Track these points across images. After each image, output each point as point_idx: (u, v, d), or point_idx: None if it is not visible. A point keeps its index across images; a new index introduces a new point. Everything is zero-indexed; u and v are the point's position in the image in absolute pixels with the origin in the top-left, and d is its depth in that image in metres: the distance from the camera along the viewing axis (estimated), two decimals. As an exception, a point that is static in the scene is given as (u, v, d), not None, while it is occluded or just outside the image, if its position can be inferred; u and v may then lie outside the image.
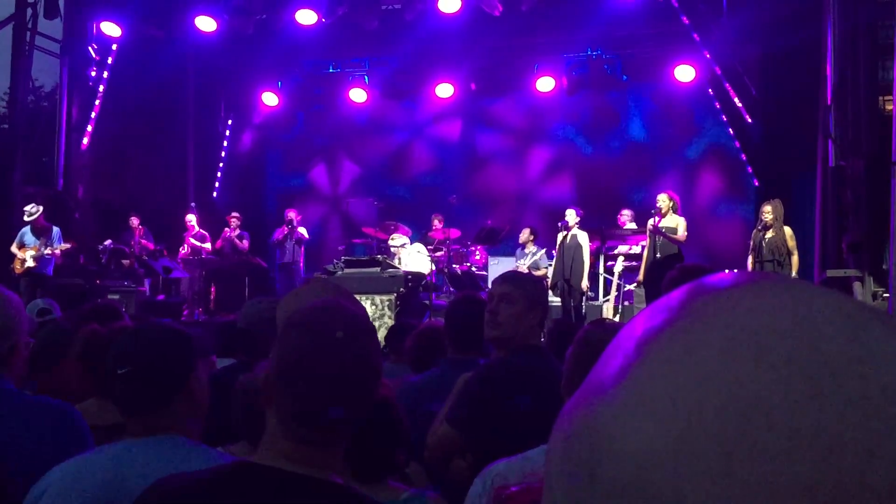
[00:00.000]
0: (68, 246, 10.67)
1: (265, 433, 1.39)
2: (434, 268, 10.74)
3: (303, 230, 12.67)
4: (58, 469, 1.80)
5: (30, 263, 10.36)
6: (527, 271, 10.94)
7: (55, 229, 10.68)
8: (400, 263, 10.78)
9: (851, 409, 0.35)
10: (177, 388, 1.85)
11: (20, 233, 10.61)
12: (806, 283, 0.43)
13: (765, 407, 0.36)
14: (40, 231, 10.53)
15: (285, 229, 12.63)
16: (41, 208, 10.56)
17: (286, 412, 1.35)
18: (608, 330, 1.95)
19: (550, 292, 11.03)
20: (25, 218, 10.51)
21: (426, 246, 11.45)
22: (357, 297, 9.40)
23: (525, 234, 11.37)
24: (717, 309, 0.41)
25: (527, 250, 11.29)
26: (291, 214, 12.69)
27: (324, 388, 1.34)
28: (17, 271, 10.41)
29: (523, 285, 2.81)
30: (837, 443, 0.35)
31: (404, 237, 11.57)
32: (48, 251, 10.41)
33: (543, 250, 11.22)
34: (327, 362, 1.34)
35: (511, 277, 2.96)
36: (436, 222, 12.13)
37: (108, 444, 1.89)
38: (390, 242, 11.38)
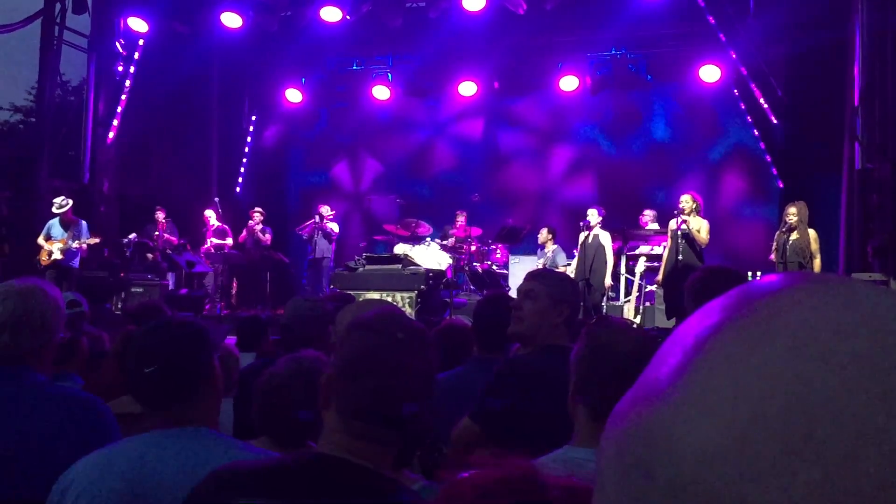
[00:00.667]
0: (97, 240, 10.76)
1: (323, 431, 1.46)
2: (450, 263, 10.75)
3: (333, 225, 12.68)
4: (85, 459, 1.82)
5: (57, 256, 10.46)
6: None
7: (83, 223, 10.79)
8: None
9: None
10: (197, 381, 1.88)
11: (47, 225, 10.71)
12: (862, 282, 0.42)
13: (832, 407, 0.36)
14: (68, 224, 10.64)
15: (311, 225, 12.66)
16: (70, 201, 10.67)
17: (346, 408, 1.42)
18: (614, 331, 1.94)
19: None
20: (55, 210, 10.60)
21: (444, 241, 11.48)
22: (378, 293, 9.48)
23: (543, 234, 11.35)
24: (778, 308, 0.40)
25: (546, 249, 11.28)
26: (324, 209, 12.71)
27: (385, 384, 1.41)
28: (43, 263, 10.52)
29: (548, 281, 2.77)
30: None
31: (407, 245, 11.52)
32: (76, 244, 10.51)
33: (559, 248, 11.21)
34: (389, 360, 1.42)
35: (538, 274, 2.94)
36: (460, 219, 12.13)
37: (136, 434, 1.91)
38: (395, 249, 11.30)
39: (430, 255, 10.80)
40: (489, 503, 0.66)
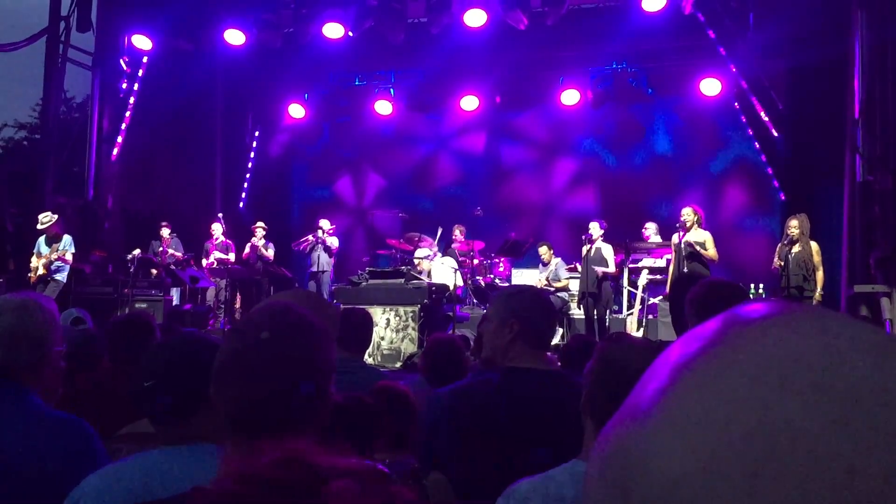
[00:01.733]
0: (70, 253, 10.67)
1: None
2: (461, 282, 10.76)
3: (333, 240, 12.73)
4: (95, 476, 1.82)
5: (41, 271, 10.48)
6: (547, 283, 10.97)
7: (66, 237, 10.76)
8: (430, 276, 10.81)
9: (873, 436, 0.37)
10: (201, 397, 1.82)
11: (36, 242, 10.74)
12: (837, 314, 0.45)
13: (789, 431, 0.38)
14: (52, 239, 10.65)
15: (309, 239, 12.71)
16: (55, 217, 10.66)
17: (224, 416, 1.33)
18: (628, 347, 1.95)
19: (574, 305, 11.05)
20: (39, 226, 10.61)
21: (451, 257, 11.50)
22: (381, 308, 9.49)
23: (545, 252, 11.37)
24: (748, 338, 0.43)
25: (549, 264, 11.30)
26: (323, 223, 12.77)
27: (245, 389, 1.31)
28: (31, 279, 10.53)
29: (496, 300, 2.73)
30: (858, 467, 0.36)
31: (427, 249, 11.61)
32: (55, 256, 10.51)
33: (561, 260, 11.23)
34: (246, 363, 1.31)
35: (493, 296, 2.95)
36: (457, 233, 12.17)
37: (142, 452, 1.92)
38: (417, 254, 11.41)
39: (445, 272, 10.79)
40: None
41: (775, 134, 12.15)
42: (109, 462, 2.08)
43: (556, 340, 10.36)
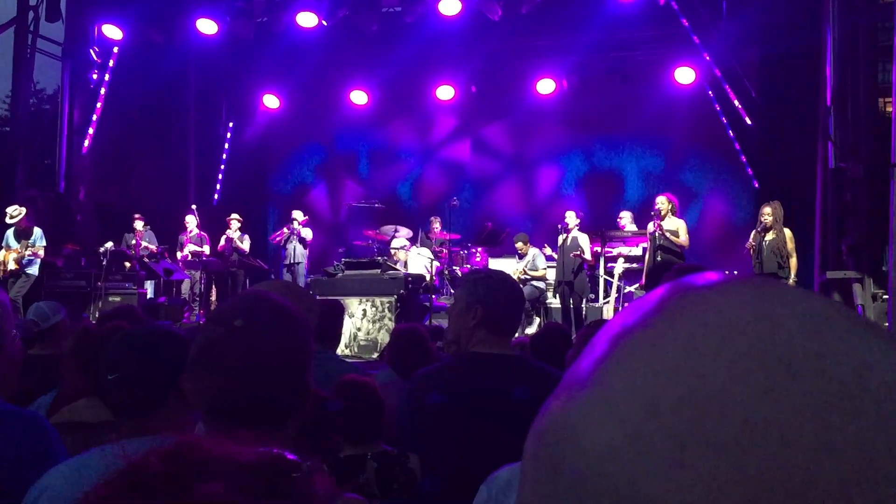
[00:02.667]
0: (41, 253, 10.56)
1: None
2: (435, 270, 10.75)
3: (307, 231, 12.68)
4: (55, 470, 1.76)
5: (11, 266, 10.34)
6: (524, 273, 10.98)
7: (37, 230, 10.62)
8: (406, 266, 10.79)
9: (806, 404, 0.36)
10: (169, 390, 1.81)
11: (5, 235, 10.60)
12: (783, 284, 0.43)
13: (720, 400, 0.36)
14: (22, 233, 10.50)
15: (284, 231, 12.65)
16: (24, 210, 10.52)
17: (199, 407, 1.30)
18: None
19: (551, 294, 11.08)
20: (7, 220, 10.47)
21: (427, 248, 11.48)
22: (357, 298, 9.46)
23: (520, 244, 11.36)
24: (687, 306, 0.41)
25: (527, 254, 11.31)
26: (297, 214, 12.71)
27: (219, 379, 1.27)
28: (2, 274, 10.40)
29: (464, 285, 2.71)
30: (790, 437, 0.35)
31: (403, 240, 11.59)
32: (28, 252, 10.38)
33: (538, 251, 11.24)
34: (219, 352, 1.28)
35: (461, 279, 2.94)
36: (436, 225, 12.16)
37: (104, 445, 1.87)
38: (393, 244, 11.38)
39: (421, 262, 10.79)
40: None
41: (749, 122, 12.23)
42: (65, 457, 2.04)
43: (532, 330, 10.39)
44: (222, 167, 15.91)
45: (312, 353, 1.37)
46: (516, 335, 9.52)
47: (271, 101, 15.04)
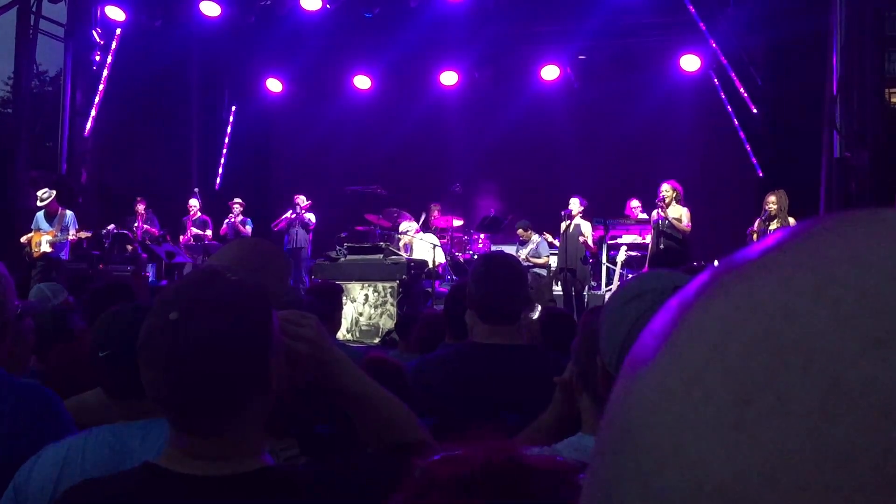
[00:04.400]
0: (89, 234, 10.65)
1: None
2: (442, 258, 10.71)
3: (310, 216, 12.67)
4: (46, 452, 1.74)
5: (45, 248, 10.37)
6: (526, 260, 10.96)
7: (69, 213, 10.66)
8: (411, 252, 10.74)
9: None
10: None
11: (35, 217, 10.61)
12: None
13: (809, 347, 0.28)
14: (53, 216, 10.53)
15: (287, 218, 12.63)
16: (54, 193, 10.54)
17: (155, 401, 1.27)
18: None
19: (554, 281, 11.06)
20: (38, 203, 10.51)
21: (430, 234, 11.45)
22: (359, 283, 9.44)
23: (522, 231, 11.34)
24: (783, 244, 0.33)
25: (530, 241, 11.29)
26: (300, 199, 12.69)
27: (159, 371, 1.22)
28: (35, 254, 10.42)
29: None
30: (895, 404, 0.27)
31: (413, 223, 11.54)
32: (70, 236, 10.42)
33: (541, 237, 11.22)
34: (160, 343, 1.22)
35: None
36: (435, 212, 12.14)
37: (101, 426, 1.82)
38: (401, 229, 11.32)
39: (426, 248, 10.72)
40: (470, 492, 0.59)
41: (754, 110, 12.17)
42: (72, 426, 2.02)
43: (535, 316, 10.36)
44: (225, 151, 15.87)
45: (271, 329, 1.29)
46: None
47: (274, 85, 14.98)
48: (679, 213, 9.19)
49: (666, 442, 0.30)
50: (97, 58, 13.40)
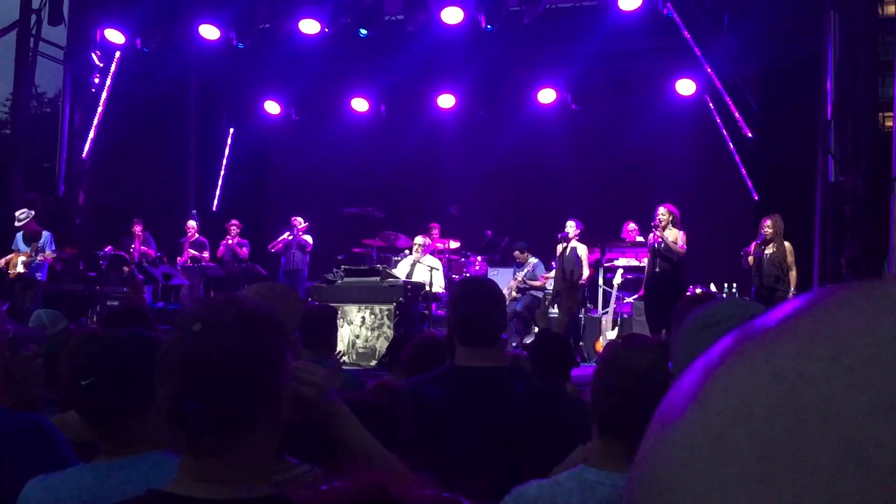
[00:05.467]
0: (54, 254, 10.58)
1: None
2: (440, 281, 10.71)
3: (307, 237, 12.70)
4: (36, 483, 1.70)
5: (20, 269, 10.34)
6: (522, 282, 10.98)
7: (45, 234, 10.63)
8: (412, 274, 10.71)
9: None
10: (144, 397, 1.68)
11: (15, 238, 10.60)
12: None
13: (824, 410, 0.31)
14: (31, 236, 10.51)
15: (285, 240, 12.66)
16: (32, 213, 10.53)
17: (166, 417, 1.29)
18: (630, 349, 1.91)
19: (549, 303, 11.06)
20: (16, 223, 10.49)
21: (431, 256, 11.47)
22: (356, 306, 9.43)
23: (518, 253, 11.37)
24: (802, 313, 0.36)
25: (526, 264, 11.31)
26: (297, 221, 12.73)
27: (176, 383, 1.25)
28: (10, 275, 10.40)
29: None
30: None
31: (428, 239, 11.49)
32: (39, 257, 10.38)
33: (538, 260, 11.25)
34: (178, 358, 1.26)
35: None
36: (434, 232, 12.16)
37: (86, 463, 1.77)
38: (415, 241, 11.21)
39: (424, 271, 10.70)
40: None
41: (749, 134, 12.25)
42: (72, 460, 1.98)
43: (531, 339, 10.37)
44: (222, 173, 15.90)
45: (284, 355, 1.34)
46: (514, 345, 9.36)
47: (272, 108, 15.05)
48: (675, 237, 9.22)
49: (695, 493, 0.32)
50: (96, 80, 13.46)
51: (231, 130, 16.05)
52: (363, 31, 12.56)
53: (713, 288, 9.93)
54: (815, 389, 0.32)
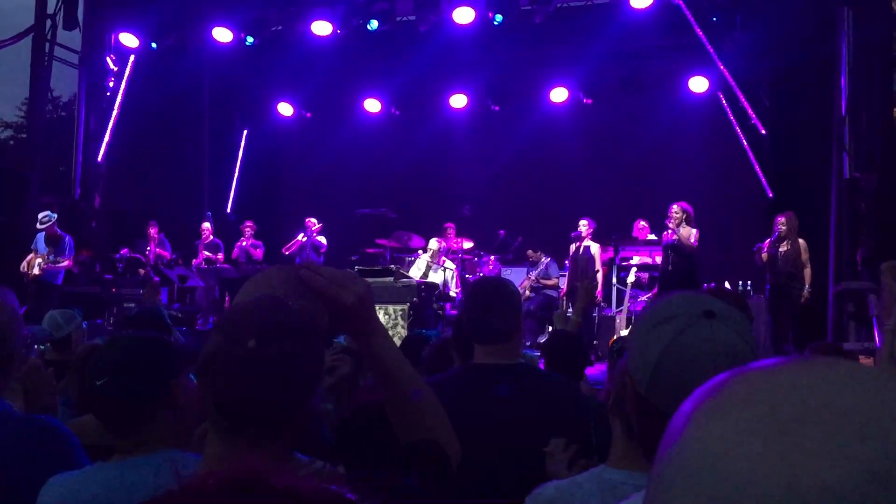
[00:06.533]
0: (67, 263, 10.64)
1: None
2: (454, 282, 10.74)
3: (321, 238, 12.74)
4: (55, 481, 1.74)
5: (36, 271, 10.41)
6: (536, 282, 10.99)
7: (67, 238, 10.70)
8: (426, 273, 10.75)
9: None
10: (158, 397, 1.76)
11: (35, 238, 10.68)
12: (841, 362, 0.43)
13: (821, 490, 0.36)
14: (52, 240, 10.58)
15: (299, 241, 12.70)
16: (54, 217, 10.60)
17: (211, 408, 1.32)
18: None
19: (565, 302, 11.07)
20: (38, 226, 10.57)
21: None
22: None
23: (531, 252, 11.39)
24: (751, 382, 0.42)
25: (539, 263, 11.32)
26: (311, 222, 12.77)
27: (233, 393, 1.29)
28: (29, 276, 10.48)
29: None
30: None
31: (441, 242, 11.53)
32: (63, 263, 10.46)
33: (551, 259, 11.25)
34: (235, 371, 1.29)
35: None
36: (449, 231, 12.18)
37: (103, 462, 1.80)
38: (430, 245, 11.28)
39: (440, 274, 10.74)
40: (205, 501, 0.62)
41: (762, 131, 12.19)
42: (85, 463, 1.99)
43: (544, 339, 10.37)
44: (236, 174, 15.98)
45: (322, 358, 1.41)
46: (528, 344, 9.34)
47: (285, 109, 15.11)
48: (689, 234, 9.20)
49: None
50: (111, 84, 13.56)
51: (245, 132, 16.13)
52: (374, 23, 12.58)
53: (727, 285, 9.89)
54: (810, 468, 0.37)
